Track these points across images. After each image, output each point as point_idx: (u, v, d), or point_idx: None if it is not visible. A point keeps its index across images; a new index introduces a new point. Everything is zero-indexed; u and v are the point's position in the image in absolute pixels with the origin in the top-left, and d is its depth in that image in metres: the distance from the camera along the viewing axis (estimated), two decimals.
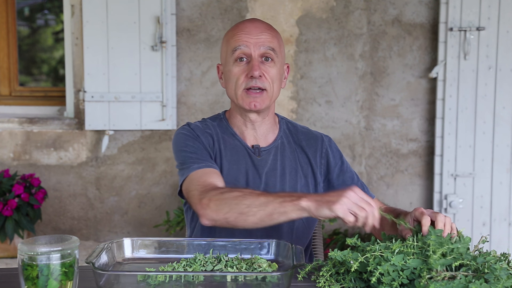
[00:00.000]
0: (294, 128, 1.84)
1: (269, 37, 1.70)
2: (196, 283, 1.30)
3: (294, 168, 1.76)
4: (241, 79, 1.68)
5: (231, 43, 1.70)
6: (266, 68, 1.68)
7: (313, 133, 1.85)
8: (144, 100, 3.58)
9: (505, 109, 3.59)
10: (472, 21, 3.52)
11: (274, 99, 1.73)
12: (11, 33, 3.96)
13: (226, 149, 1.74)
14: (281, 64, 1.74)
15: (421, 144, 3.76)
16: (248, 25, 1.71)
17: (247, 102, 1.68)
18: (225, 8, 3.65)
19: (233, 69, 1.69)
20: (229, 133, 1.77)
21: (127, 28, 3.53)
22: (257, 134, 1.76)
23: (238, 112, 1.76)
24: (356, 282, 1.34)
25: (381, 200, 3.87)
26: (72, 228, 3.74)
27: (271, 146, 1.77)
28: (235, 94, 1.70)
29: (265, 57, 1.69)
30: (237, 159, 1.73)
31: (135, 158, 3.71)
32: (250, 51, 1.67)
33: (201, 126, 1.77)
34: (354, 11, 3.67)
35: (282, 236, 1.71)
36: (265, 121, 1.76)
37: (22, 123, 3.70)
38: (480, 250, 1.34)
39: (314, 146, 1.80)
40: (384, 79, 3.71)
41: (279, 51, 1.72)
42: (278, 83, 1.72)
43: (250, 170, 1.72)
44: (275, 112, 1.85)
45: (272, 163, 1.75)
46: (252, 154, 1.74)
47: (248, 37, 1.68)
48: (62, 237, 1.28)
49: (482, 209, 3.64)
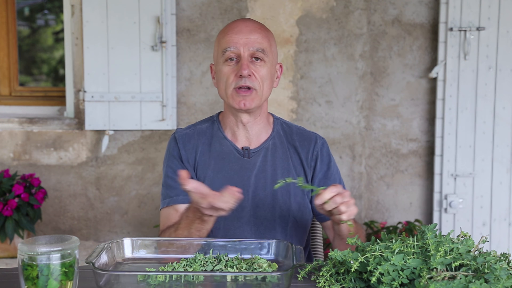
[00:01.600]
0: (289, 128, 1.84)
1: (259, 37, 1.70)
2: (196, 283, 1.30)
3: (286, 169, 1.76)
4: (231, 79, 1.69)
5: (221, 43, 1.71)
6: (255, 68, 1.69)
7: (307, 133, 1.84)
8: (144, 100, 3.58)
9: (505, 109, 3.59)
10: (472, 21, 3.52)
11: (264, 98, 1.73)
12: (11, 33, 3.96)
13: (211, 158, 1.76)
14: (272, 64, 1.74)
15: (421, 144, 3.76)
16: (239, 25, 1.71)
17: (237, 101, 1.69)
18: (225, 8, 3.65)
19: (223, 68, 1.70)
20: (218, 136, 1.78)
21: (127, 28, 3.53)
22: (249, 134, 1.77)
23: (230, 112, 1.76)
24: (356, 282, 1.34)
25: (380, 200, 3.87)
26: (72, 228, 3.74)
27: (261, 147, 1.77)
28: (226, 93, 1.71)
29: (255, 56, 1.69)
30: (222, 166, 1.75)
31: (135, 158, 3.71)
32: (240, 51, 1.68)
33: (188, 135, 1.79)
34: (354, 11, 3.67)
35: (276, 236, 1.72)
36: (257, 121, 1.76)
37: (22, 123, 3.70)
38: (480, 250, 1.34)
39: (307, 147, 1.80)
40: (384, 79, 3.71)
41: (270, 51, 1.72)
42: (268, 83, 1.72)
43: (236, 174, 1.74)
44: (271, 112, 1.86)
45: (261, 165, 1.75)
46: (241, 157, 1.75)
47: (238, 37, 1.69)
48: (62, 237, 1.28)
49: (482, 209, 3.64)
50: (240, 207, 1.73)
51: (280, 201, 1.74)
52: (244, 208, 1.73)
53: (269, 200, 1.73)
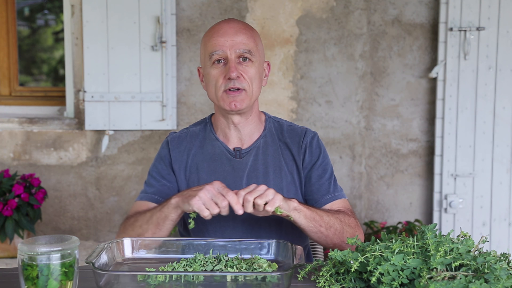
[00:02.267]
0: (280, 126, 1.84)
1: (244, 38, 1.70)
2: (196, 283, 1.30)
3: (278, 166, 1.76)
4: (220, 81, 1.69)
5: (208, 46, 1.71)
6: (243, 68, 1.69)
7: (297, 128, 1.84)
8: (144, 100, 3.58)
9: (505, 109, 3.59)
10: (472, 21, 3.52)
11: (254, 98, 1.73)
12: (11, 33, 3.96)
13: (204, 161, 1.77)
14: (259, 63, 1.74)
15: (421, 144, 3.76)
16: (224, 26, 1.71)
17: (228, 103, 1.69)
18: (225, 8, 3.65)
19: (212, 71, 1.70)
20: (211, 138, 1.80)
21: (127, 28, 3.53)
22: (241, 135, 1.77)
23: (221, 114, 1.77)
24: (356, 282, 1.34)
25: (380, 200, 3.87)
26: (72, 228, 3.74)
27: (251, 147, 1.78)
28: (216, 96, 1.72)
29: (242, 57, 1.69)
30: (215, 168, 1.76)
31: (135, 158, 3.71)
32: (227, 53, 1.68)
33: (180, 138, 1.82)
34: (354, 11, 3.67)
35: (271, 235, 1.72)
36: (249, 121, 1.77)
37: (22, 123, 3.70)
38: (480, 250, 1.34)
39: (297, 141, 1.80)
40: (384, 79, 3.71)
41: (256, 50, 1.72)
42: (257, 82, 1.73)
43: (229, 175, 1.74)
44: (265, 111, 1.86)
45: (252, 164, 1.75)
46: (232, 157, 1.76)
47: (224, 40, 1.69)
48: (62, 237, 1.28)
49: (482, 209, 3.64)
50: None
51: None
52: None
53: None
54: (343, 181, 3.71)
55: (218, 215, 1.51)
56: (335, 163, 3.67)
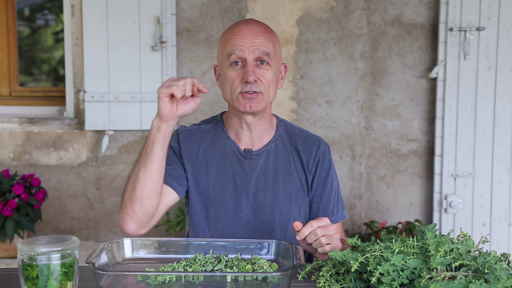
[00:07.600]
0: (293, 131, 1.83)
1: (264, 40, 1.69)
2: (196, 283, 1.30)
3: (288, 172, 1.76)
4: (236, 83, 1.68)
5: (226, 47, 1.70)
6: (261, 72, 1.68)
7: (311, 137, 1.83)
8: (144, 100, 3.58)
9: (505, 109, 3.59)
10: (472, 21, 3.52)
11: (270, 101, 1.73)
12: (11, 33, 3.96)
13: (214, 157, 1.76)
14: (277, 66, 1.73)
15: (421, 144, 3.76)
16: (243, 28, 1.70)
17: (243, 104, 1.68)
18: (225, 8, 3.65)
19: (229, 72, 1.69)
20: (222, 136, 1.79)
21: (127, 28, 3.53)
22: (252, 136, 1.77)
23: (234, 114, 1.76)
24: (356, 282, 1.34)
25: (380, 200, 3.87)
26: (72, 228, 3.74)
27: (263, 149, 1.77)
28: (231, 97, 1.70)
29: (260, 60, 1.68)
30: (224, 166, 1.75)
31: (135, 158, 3.71)
32: (245, 55, 1.67)
33: (190, 131, 1.80)
34: (354, 11, 3.67)
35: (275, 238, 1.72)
36: (260, 122, 1.76)
37: (22, 123, 3.70)
38: (480, 250, 1.34)
39: (310, 152, 1.80)
40: (384, 79, 3.71)
41: (275, 54, 1.71)
42: (274, 86, 1.72)
43: (238, 176, 1.74)
44: (274, 113, 1.85)
45: (262, 167, 1.75)
46: (242, 158, 1.75)
47: (243, 41, 1.67)
48: (62, 237, 1.28)
49: (482, 209, 3.64)
50: (240, 209, 1.73)
51: (281, 204, 1.74)
52: (244, 209, 1.73)
53: (269, 202, 1.74)
54: (343, 181, 3.71)
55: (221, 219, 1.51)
56: (335, 163, 3.67)
